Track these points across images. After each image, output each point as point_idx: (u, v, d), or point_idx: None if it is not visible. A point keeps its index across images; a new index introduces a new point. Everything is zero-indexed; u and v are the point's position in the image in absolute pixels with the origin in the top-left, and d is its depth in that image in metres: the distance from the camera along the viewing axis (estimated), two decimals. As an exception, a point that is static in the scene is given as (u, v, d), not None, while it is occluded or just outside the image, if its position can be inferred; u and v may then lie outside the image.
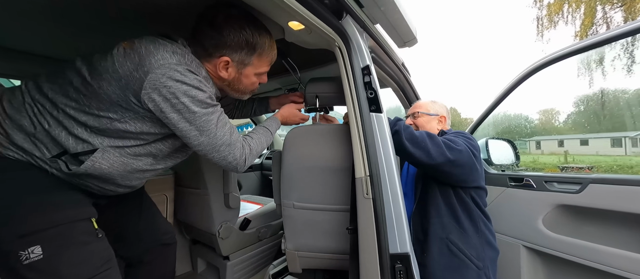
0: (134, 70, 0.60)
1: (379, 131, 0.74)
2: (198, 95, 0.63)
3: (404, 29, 0.96)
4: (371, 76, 0.78)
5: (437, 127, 1.13)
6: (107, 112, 0.63)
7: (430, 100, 1.22)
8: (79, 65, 0.64)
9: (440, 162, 0.84)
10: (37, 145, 0.64)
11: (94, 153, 0.64)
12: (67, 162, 0.64)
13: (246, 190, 2.39)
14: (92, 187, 0.72)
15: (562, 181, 1.08)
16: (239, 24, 0.69)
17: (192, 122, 0.64)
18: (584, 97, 10.14)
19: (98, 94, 0.62)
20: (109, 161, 0.66)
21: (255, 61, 0.75)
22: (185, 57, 0.65)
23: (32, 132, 0.63)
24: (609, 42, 0.93)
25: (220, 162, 0.72)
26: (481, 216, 0.94)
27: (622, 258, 0.88)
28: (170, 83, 0.59)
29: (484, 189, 0.99)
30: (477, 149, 0.96)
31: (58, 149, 0.64)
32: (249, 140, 0.79)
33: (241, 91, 0.81)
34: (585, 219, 1.03)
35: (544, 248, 1.08)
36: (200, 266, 1.61)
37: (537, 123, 15.17)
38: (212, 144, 0.68)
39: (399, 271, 0.67)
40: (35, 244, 0.59)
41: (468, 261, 0.87)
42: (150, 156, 0.74)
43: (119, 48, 0.62)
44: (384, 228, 0.69)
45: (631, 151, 12.63)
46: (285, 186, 1.01)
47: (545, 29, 8.71)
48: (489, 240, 0.93)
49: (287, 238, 1.06)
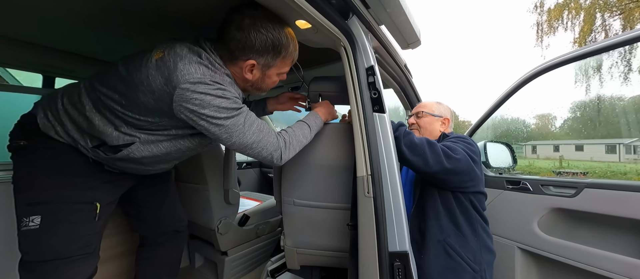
0: (164, 85, 0.65)
1: (382, 130, 0.75)
2: (222, 103, 0.66)
3: (408, 31, 0.97)
4: (375, 77, 0.78)
5: (440, 129, 1.13)
6: (146, 117, 0.71)
7: (435, 101, 1.21)
8: (120, 71, 0.71)
9: (437, 171, 0.84)
10: (83, 135, 0.76)
11: (130, 146, 0.74)
12: (105, 151, 0.76)
13: (245, 187, 2.39)
14: (126, 169, 0.84)
15: (558, 185, 1.10)
16: (265, 27, 0.69)
17: (221, 127, 0.67)
18: (580, 103, 10.25)
19: (136, 103, 0.70)
20: (142, 152, 0.76)
21: (279, 63, 0.77)
22: (210, 67, 0.67)
23: (81, 125, 0.74)
24: (607, 50, 0.95)
25: (257, 158, 0.76)
26: (479, 220, 0.95)
27: (614, 262, 0.90)
28: (195, 96, 0.63)
29: (484, 193, 1.00)
30: (477, 154, 0.96)
31: (98, 141, 0.75)
32: (283, 134, 0.80)
33: (262, 89, 0.84)
34: (580, 222, 1.05)
35: (538, 250, 1.10)
36: (198, 260, 1.62)
37: (533, 128, 15.32)
38: (244, 143, 0.71)
39: (397, 269, 0.69)
40: (38, 214, 0.70)
41: (465, 264, 0.87)
42: (179, 150, 0.81)
43: (152, 59, 0.67)
44: (383, 226, 0.71)
45: (625, 158, 12.81)
46: (286, 183, 1.02)
47: (545, 35, 8.78)
48: (487, 244, 0.94)
49: (286, 234, 1.07)
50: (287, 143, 0.78)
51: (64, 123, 0.75)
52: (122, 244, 1.32)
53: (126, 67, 0.71)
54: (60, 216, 0.73)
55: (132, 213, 1.10)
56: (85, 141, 0.75)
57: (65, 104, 0.76)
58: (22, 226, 0.71)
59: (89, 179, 0.79)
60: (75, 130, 0.75)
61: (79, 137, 0.75)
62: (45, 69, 1.25)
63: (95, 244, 0.81)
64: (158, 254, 1.12)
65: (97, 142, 0.75)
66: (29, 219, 0.70)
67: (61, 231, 0.73)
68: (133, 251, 1.17)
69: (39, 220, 0.70)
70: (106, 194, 0.84)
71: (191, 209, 1.46)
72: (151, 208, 1.07)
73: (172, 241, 1.14)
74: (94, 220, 0.79)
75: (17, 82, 2.03)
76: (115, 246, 1.30)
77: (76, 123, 0.75)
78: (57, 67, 1.23)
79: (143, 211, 1.07)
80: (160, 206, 1.09)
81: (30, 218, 0.70)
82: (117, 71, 0.72)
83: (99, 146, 0.75)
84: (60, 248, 0.72)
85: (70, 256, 0.74)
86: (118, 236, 1.30)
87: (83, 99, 0.74)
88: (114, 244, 1.29)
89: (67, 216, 0.74)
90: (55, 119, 0.75)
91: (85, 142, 0.75)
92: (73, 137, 0.75)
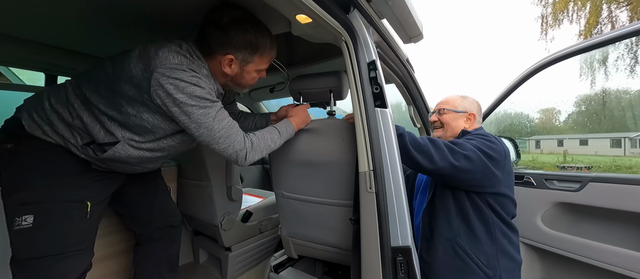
0: (144, 70, 0.68)
1: (384, 126, 0.75)
2: (195, 91, 0.69)
3: (411, 24, 0.96)
4: (377, 71, 0.78)
5: (464, 125, 1.06)
6: (126, 108, 0.72)
7: (459, 95, 1.12)
8: (106, 66, 0.74)
9: (443, 167, 0.81)
10: (73, 133, 0.77)
11: (115, 145, 0.75)
12: (95, 149, 0.77)
13: (248, 183, 2.41)
14: (114, 167, 0.86)
15: (562, 179, 1.09)
16: (243, 26, 0.75)
17: (190, 115, 0.69)
18: (585, 97, 10.10)
19: (120, 93, 0.71)
20: (127, 151, 0.78)
21: (257, 59, 0.82)
22: (188, 57, 0.71)
23: (71, 123, 0.76)
24: (613, 42, 0.93)
25: (222, 154, 0.78)
26: (500, 225, 0.89)
27: (617, 255, 0.89)
28: (170, 81, 0.66)
29: (508, 196, 0.91)
30: (499, 152, 0.87)
31: (88, 139, 0.77)
32: (251, 136, 0.82)
33: (243, 85, 0.87)
34: (584, 216, 1.04)
35: (542, 244, 1.09)
36: (202, 256, 1.64)
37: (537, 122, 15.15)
38: (211, 136, 0.73)
39: (400, 263, 0.69)
40: (30, 213, 0.72)
41: (474, 266, 0.84)
42: (162, 150, 0.84)
43: (135, 51, 0.71)
44: (386, 221, 0.71)
45: (630, 152, 12.66)
46: (275, 176, 1.07)
47: (549, 28, 8.64)
48: (507, 250, 0.87)
49: (281, 224, 1.14)
50: (254, 145, 0.81)
51: (53, 122, 0.75)
52: (120, 242, 1.32)
53: (112, 61, 0.74)
54: (52, 214, 0.74)
55: (125, 213, 1.11)
56: (75, 139, 0.76)
57: (53, 104, 0.76)
58: (14, 225, 0.72)
59: (78, 179, 0.80)
60: (65, 128, 0.76)
61: (69, 135, 0.76)
62: (47, 68, 1.25)
63: (88, 241, 0.83)
64: (156, 251, 1.13)
65: (88, 140, 0.77)
66: (22, 219, 0.71)
67: (54, 228, 0.74)
68: (131, 249, 1.18)
69: (31, 219, 0.71)
70: (96, 192, 0.85)
71: (194, 206, 1.48)
72: (143, 206, 1.08)
73: (168, 236, 1.15)
74: (85, 218, 0.80)
75: (21, 81, 2.05)
76: (114, 244, 1.30)
77: (66, 122, 0.76)
78: (59, 66, 1.23)
79: (135, 210, 1.08)
80: (152, 202, 1.10)
81: (22, 217, 0.71)
82: (103, 66, 0.75)
83: (89, 143, 0.77)
84: (53, 244, 0.74)
85: (64, 252, 0.75)
86: (116, 233, 1.30)
87: (71, 98, 0.76)
88: (112, 241, 1.29)
89: (59, 214, 0.75)
90: (42, 119, 0.76)
91: (75, 140, 0.76)
92: (62, 136, 0.76)
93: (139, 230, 1.11)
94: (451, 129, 1.06)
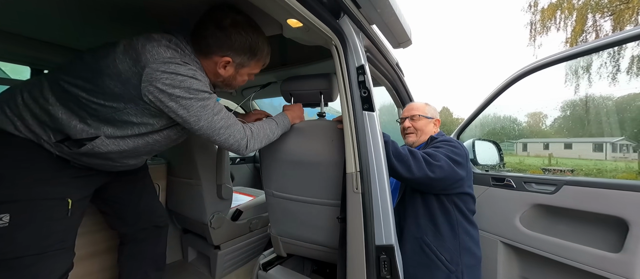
0: (133, 65, 0.65)
1: (371, 129, 0.78)
2: (193, 84, 0.67)
3: (399, 31, 0.99)
4: (365, 76, 0.80)
5: (433, 130, 1.18)
6: (111, 103, 0.68)
7: (424, 102, 1.24)
8: (86, 58, 0.70)
9: (419, 177, 0.88)
10: (45, 130, 0.72)
11: (94, 140, 0.71)
12: (69, 145, 0.73)
13: (239, 182, 2.40)
14: (92, 164, 0.81)
15: (539, 182, 1.14)
16: (245, 30, 0.75)
17: (190, 109, 0.68)
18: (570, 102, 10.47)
19: (103, 88, 0.67)
20: (107, 147, 0.74)
21: (253, 64, 0.82)
22: (179, 51, 0.70)
23: (43, 119, 0.71)
24: (597, 50, 0.97)
25: (224, 145, 0.77)
26: (462, 223, 0.97)
27: (588, 255, 0.95)
28: (166, 75, 0.64)
29: (469, 195, 1.01)
30: (463, 156, 0.97)
31: (61, 136, 0.72)
32: (250, 126, 0.84)
33: (232, 87, 0.87)
34: (558, 217, 1.10)
35: (520, 244, 1.15)
36: (191, 254, 1.63)
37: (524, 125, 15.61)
38: (212, 127, 0.73)
39: (383, 261, 0.72)
40: (6, 212, 0.67)
41: (438, 262, 0.92)
42: (146, 145, 0.80)
43: (119, 45, 0.67)
44: (371, 221, 0.73)
45: (611, 156, 13.19)
46: (265, 175, 1.08)
47: (538, 34, 8.89)
48: (468, 246, 0.96)
49: (271, 222, 1.14)
50: (254, 133, 0.82)
51: (25, 118, 0.71)
52: (104, 241, 1.29)
53: (92, 54, 0.71)
54: (31, 212, 0.71)
55: (109, 211, 1.07)
56: (48, 136, 0.72)
57: (25, 99, 0.72)
58: None
59: (57, 175, 0.76)
60: (37, 125, 0.72)
61: (41, 132, 0.72)
62: (34, 62, 1.22)
63: (70, 240, 0.80)
64: (141, 251, 1.09)
65: (61, 137, 0.73)
66: None
67: (33, 227, 0.71)
68: (115, 248, 1.14)
69: (7, 218, 0.68)
70: (77, 189, 0.81)
71: (184, 204, 1.47)
72: (129, 205, 1.05)
73: (153, 236, 1.12)
74: (66, 216, 0.77)
75: (5, 74, 1.98)
76: (98, 243, 1.27)
77: (38, 118, 0.72)
78: (44, 60, 1.20)
79: (121, 209, 1.04)
80: (138, 201, 1.06)
81: None
82: (82, 59, 0.71)
83: (63, 140, 0.73)
84: (33, 243, 0.71)
85: (45, 252, 0.72)
86: (100, 232, 1.27)
87: (46, 93, 0.71)
88: (96, 240, 1.27)
89: (38, 212, 0.72)
90: (14, 114, 0.72)
91: (48, 137, 0.72)
92: (34, 132, 0.72)
93: (123, 230, 1.07)
94: (424, 134, 1.16)
